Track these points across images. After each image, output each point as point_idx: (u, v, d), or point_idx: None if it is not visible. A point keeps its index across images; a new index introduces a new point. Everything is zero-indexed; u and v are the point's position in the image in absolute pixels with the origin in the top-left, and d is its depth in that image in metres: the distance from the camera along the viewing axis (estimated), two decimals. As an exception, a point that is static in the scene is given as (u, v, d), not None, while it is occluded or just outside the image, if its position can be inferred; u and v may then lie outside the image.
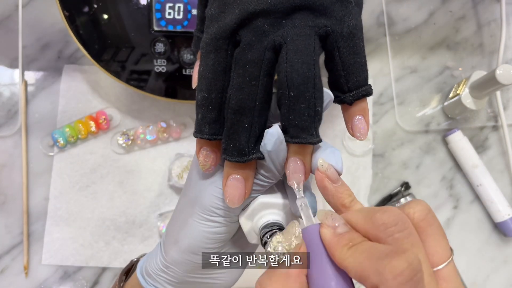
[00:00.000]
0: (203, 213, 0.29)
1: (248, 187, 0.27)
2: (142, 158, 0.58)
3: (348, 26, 0.26)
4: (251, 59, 0.25)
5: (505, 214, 0.57)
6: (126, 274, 0.36)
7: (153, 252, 0.34)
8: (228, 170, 0.26)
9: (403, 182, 0.59)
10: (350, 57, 0.26)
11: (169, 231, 0.32)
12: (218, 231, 0.29)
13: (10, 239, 0.55)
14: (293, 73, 0.25)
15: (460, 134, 0.59)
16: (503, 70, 0.50)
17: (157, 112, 0.58)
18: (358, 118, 0.27)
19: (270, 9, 0.25)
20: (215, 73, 0.26)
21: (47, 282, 0.55)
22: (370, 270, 0.19)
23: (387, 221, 0.20)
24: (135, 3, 0.48)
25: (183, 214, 0.31)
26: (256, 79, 0.25)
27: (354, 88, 0.27)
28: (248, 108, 0.25)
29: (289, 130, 0.26)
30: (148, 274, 0.33)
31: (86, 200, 0.56)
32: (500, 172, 0.61)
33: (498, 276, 0.59)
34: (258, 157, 0.26)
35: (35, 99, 0.58)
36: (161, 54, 0.49)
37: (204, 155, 0.27)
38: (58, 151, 0.57)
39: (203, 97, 0.26)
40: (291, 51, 0.25)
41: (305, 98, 0.25)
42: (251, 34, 0.25)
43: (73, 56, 0.59)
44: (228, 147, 0.26)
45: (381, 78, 0.61)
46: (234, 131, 0.25)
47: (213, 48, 0.26)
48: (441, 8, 0.64)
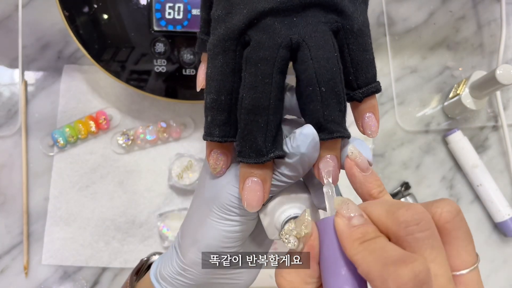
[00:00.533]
0: (221, 213, 0.28)
1: (267, 189, 0.26)
2: (142, 158, 0.58)
3: (357, 22, 0.26)
4: (263, 57, 0.25)
5: (505, 214, 0.57)
6: (136, 274, 0.36)
7: (167, 255, 0.33)
8: (245, 172, 0.26)
9: (403, 182, 0.59)
10: (359, 53, 0.26)
11: (185, 232, 0.31)
12: (237, 230, 0.29)
13: (10, 239, 0.55)
14: (321, 69, 0.25)
15: (460, 134, 0.59)
16: (503, 70, 0.50)
17: (157, 112, 0.58)
18: (368, 115, 0.27)
19: (279, 7, 0.25)
20: (223, 74, 0.25)
21: (47, 282, 0.55)
22: (375, 273, 0.18)
23: (409, 218, 0.20)
24: (135, 3, 0.48)
25: (199, 214, 0.30)
26: (269, 77, 0.25)
27: (363, 85, 0.27)
28: (263, 107, 0.25)
29: (326, 126, 0.25)
30: (164, 278, 0.32)
31: (86, 200, 0.56)
32: (500, 172, 0.61)
33: (498, 276, 0.59)
34: (279, 155, 0.25)
35: (35, 99, 0.58)
36: (161, 54, 0.49)
37: (215, 158, 0.27)
38: (58, 151, 0.57)
39: (212, 99, 0.26)
40: (314, 48, 0.25)
41: (336, 93, 0.25)
42: (261, 33, 0.25)
43: (73, 56, 0.59)
44: (243, 149, 0.25)
45: (381, 78, 0.61)
46: (249, 131, 0.25)
47: (221, 50, 0.25)
48: (441, 8, 0.64)
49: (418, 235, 0.19)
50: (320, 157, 0.26)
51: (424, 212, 0.20)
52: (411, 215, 0.20)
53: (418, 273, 0.17)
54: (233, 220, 0.28)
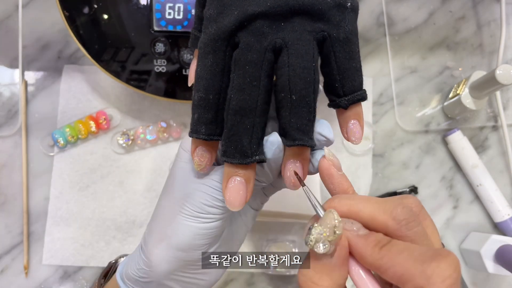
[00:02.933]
0: (194, 210, 0.28)
1: (250, 189, 0.27)
2: (142, 158, 0.58)
3: (344, 31, 0.26)
4: (251, 60, 0.25)
5: (505, 214, 0.57)
6: (104, 277, 0.35)
7: (133, 254, 0.33)
8: (229, 171, 0.26)
9: (412, 186, 0.59)
10: (346, 61, 0.27)
11: (153, 229, 0.31)
12: (209, 227, 0.29)
13: (10, 239, 0.55)
14: (295, 77, 0.25)
15: (460, 134, 0.59)
16: (503, 70, 0.51)
17: (157, 112, 0.58)
18: (353, 122, 0.28)
19: (269, 12, 0.25)
20: (212, 74, 0.26)
21: (47, 282, 0.55)
22: (416, 271, 0.19)
23: (407, 216, 0.21)
24: (135, 3, 0.48)
25: (169, 212, 0.30)
26: (257, 79, 0.25)
27: (349, 92, 0.27)
28: (250, 109, 0.25)
29: (290, 133, 0.26)
30: (129, 278, 0.32)
31: (86, 200, 0.56)
32: (500, 172, 0.61)
33: (498, 276, 0.59)
34: (261, 159, 0.26)
35: (35, 99, 0.58)
36: (161, 54, 0.49)
37: (200, 155, 0.27)
38: (58, 151, 0.57)
39: (200, 97, 0.26)
40: (293, 55, 0.25)
41: (306, 102, 0.25)
42: (250, 36, 0.25)
43: (73, 56, 0.59)
44: (228, 149, 0.26)
45: (381, 78, 0.61)
46: (235, 132, 0.25)
47: (212, 49, 0.26)
48: (441, 8, 0.64)
49: (416, 229, 0.21)
50: (285, 161, 0.27)
51: (412, 208, 0.22)
52: (407, 213, 0.21)
53: (456, 263, 0.19)
54: (206, 218, 0.28)
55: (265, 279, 0.56)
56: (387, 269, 0.20)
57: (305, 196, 0.25)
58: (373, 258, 0.21)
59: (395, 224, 0.21)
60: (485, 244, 0.52)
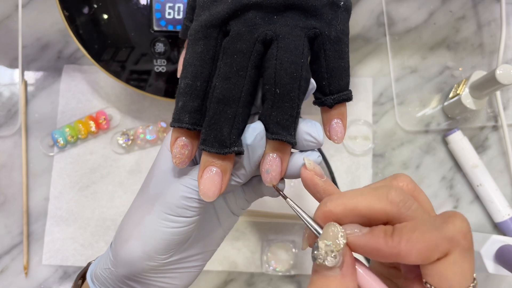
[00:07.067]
0: (165, 212, 0.27)
1: (225, 181, 0.26)
2: (142, 158, 0.58)
3: (336, 30, 0.26)
4: (240, 49, 0.25)
5: (505, 214, 0.57)
6: (82, 277, 0.34)
7: (104, 254, 0.32)
8: (206, 161, 0.25)
9: None
10: (334, 60, 0.27)
11: (121, 228, 0.30)
12: (177, 232, 0.27)
13: (10, 239, 0.55)
14: (282, 71, 0.25)
15: (460, 134, 0.59)
16: (503, 70, 0.50)
17: (157, 112, 0.58)
18: (336, 121, 0.28)
19: (263, 3, 0.25)
20: (202, 60, 0.25)
21: (47, 282, 0.55)
22: (437, 239, 0.19)
23: (402, 197, 0.21)
24: (135, 3, 0.48)
25: (139, 211, 0.29)
26: (244, 69, 0.25)
27: (335, 91, 0.27)
28: (233, 99, 0.25)
29: (269, 126, 0.26)
30: (97, 277, 0.31)
31: (86, 200, 0.56)
32: (500, 172, 0.61)
33: (498, 276, 0.59)
34: (239, 151, 0.25)
35: (35, 99, 0.58)
36: (161, 54, 0.49)
37: (180, 147, 0.26)
38: (58, 151, 0.57)
39: (187, 84, 0.26)
40: (282, 49, 0.25)
41: (290, 97, 0.25)
42: (242, 25, 0.25)
43: (73, 56, 0.59)
44: (208, 137, 0.25)
45: (381, 78, 0.61)
46: (216, 121, 0.25)
47: (203, 36, 0.25)
48: (441, 8, 0.64)
49: (414, 206, 0.22)
50: (264, 155, 0.26)
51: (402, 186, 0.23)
52: (402, 194, 0.22)
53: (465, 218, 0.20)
54: (176, 222, 0.27)
55: (265, 279, 0.56)
56: (409, 251, 0.20)
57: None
58: (390, 247, 0.20)
59: (394, 207, 0.21)
60: (485, 244, 0.52)
